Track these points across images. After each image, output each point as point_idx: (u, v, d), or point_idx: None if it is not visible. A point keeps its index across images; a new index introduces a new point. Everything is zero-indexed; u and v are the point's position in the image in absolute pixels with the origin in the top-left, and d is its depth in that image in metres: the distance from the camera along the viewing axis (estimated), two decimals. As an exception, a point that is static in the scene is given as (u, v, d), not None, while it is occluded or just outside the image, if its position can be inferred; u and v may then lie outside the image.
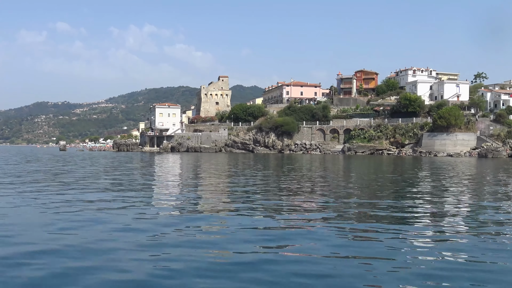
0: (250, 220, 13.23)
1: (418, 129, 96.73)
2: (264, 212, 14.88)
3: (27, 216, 13.76)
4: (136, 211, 14.96)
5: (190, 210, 15.41)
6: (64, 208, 15.27)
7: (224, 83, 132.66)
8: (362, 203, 17.20)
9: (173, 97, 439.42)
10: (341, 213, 14.63)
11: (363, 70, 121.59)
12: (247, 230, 11.71)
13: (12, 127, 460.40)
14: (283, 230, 11.87)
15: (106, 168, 40.64)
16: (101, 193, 20.08)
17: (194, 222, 13.01)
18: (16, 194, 19.16)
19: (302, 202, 17.42)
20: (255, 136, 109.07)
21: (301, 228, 12.20)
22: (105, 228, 11.91)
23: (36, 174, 32.27)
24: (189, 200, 18.29)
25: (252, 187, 23.56)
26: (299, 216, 14.16)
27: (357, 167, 47.54)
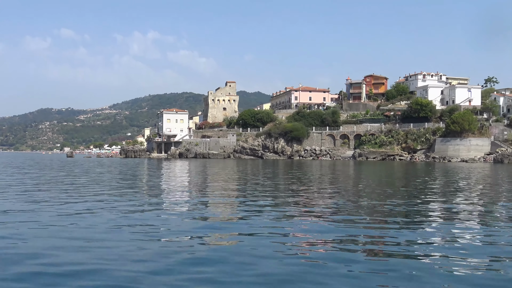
0: (267, 240, 11.94)
1: (430, 134, 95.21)
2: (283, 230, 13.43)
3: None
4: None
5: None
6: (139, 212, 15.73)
7: (231, 89, 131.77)
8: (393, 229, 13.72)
9: (177, 103, 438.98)
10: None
11: (372, 75, 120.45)
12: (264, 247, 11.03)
13: (17, 134, 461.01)
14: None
15: (138, 178, 39.47)
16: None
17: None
18: (86, 202, 19.65)
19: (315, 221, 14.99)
20: (264, 142, 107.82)
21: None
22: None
23: (86, 182, 31.86)
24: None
25: (267, 200, 22.30)
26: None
27: (374, 175, 46.16)
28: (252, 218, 15.21)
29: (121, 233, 12.57)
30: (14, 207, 17.88)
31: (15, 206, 18.20)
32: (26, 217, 15.18)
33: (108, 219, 14.91)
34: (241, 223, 14.42)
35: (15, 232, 12.69)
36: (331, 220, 14.88)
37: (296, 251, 10.63)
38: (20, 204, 18.91)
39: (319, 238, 11.95)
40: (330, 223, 14.30)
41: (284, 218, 15.20)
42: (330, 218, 15.29)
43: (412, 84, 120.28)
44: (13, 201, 19.81)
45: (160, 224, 14.18)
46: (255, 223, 14.33)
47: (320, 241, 11.70)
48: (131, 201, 20.15)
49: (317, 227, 13.51)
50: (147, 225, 13.92)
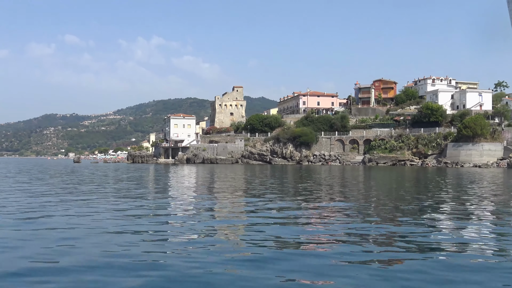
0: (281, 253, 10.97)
1: (442, 139, 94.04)
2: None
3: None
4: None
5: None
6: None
7: (238, 94, 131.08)
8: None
9: (181, 109, 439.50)
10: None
11: (381, 80, 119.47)
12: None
13: (21, 139, 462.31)
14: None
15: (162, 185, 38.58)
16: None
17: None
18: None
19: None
20: (273, 147, 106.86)
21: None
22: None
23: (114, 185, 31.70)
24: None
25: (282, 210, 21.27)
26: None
27: (389, 182, 45.02)
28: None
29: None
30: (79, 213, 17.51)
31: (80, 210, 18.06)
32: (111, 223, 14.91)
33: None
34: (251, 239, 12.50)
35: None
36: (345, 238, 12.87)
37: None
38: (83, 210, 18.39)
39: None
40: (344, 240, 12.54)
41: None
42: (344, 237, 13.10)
43: (421, 89, 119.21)
44: (72, 207, 19.17)
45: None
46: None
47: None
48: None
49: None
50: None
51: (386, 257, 10.40)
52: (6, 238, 12.20)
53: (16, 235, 12.61)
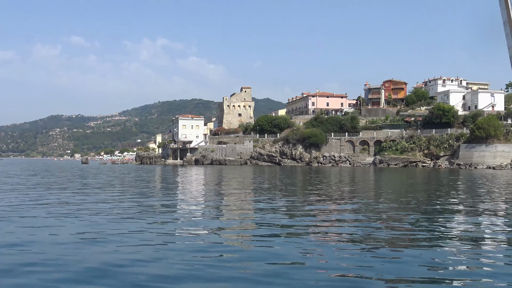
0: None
1: (454, 140, 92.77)
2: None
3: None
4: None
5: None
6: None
7: (247, 94, 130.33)
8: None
9: (186, 110, 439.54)
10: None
11: (391, 80, 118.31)
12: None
13: (27, 140, 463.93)
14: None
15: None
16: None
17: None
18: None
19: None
20: (282, 148, 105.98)
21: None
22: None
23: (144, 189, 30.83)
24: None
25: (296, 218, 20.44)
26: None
27: (407, 185, 44.04)
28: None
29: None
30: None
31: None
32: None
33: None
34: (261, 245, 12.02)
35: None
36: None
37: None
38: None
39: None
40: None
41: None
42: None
43: (432, 89, 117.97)
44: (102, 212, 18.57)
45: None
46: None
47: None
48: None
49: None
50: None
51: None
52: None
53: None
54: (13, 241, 12.02)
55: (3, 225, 14.64)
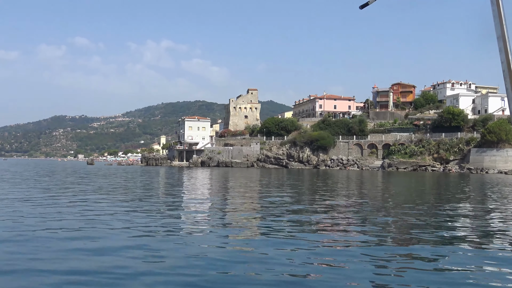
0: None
1: (464, 145, 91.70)
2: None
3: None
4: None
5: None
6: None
7: (253, 96, 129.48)
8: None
9: (190, 111, 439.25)
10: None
11: (400, 83, 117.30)
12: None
13: (31, 141, 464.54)
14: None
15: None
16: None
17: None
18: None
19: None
20: (289, 151, 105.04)
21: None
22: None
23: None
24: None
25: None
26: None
27: (423, 193, 43.08)
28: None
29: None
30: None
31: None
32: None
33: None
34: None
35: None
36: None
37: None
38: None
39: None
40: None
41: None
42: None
43: (441, 93, 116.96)
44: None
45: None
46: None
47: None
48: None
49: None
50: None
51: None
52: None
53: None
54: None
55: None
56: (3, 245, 11.55)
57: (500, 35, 2.25)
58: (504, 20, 2.27)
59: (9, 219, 15.79)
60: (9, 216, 16.69)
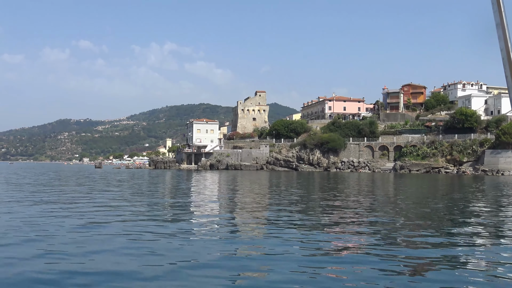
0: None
1: (478, 146, 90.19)
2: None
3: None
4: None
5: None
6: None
7: (261, 98, 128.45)
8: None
9: (194, 114, 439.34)
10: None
11: (410, 84, 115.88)
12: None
13: (36, 144, 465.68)
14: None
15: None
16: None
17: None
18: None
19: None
20: (299, 153, 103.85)
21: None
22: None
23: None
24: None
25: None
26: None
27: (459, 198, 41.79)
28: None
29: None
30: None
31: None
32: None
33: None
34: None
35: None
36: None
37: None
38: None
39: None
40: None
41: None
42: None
43: (451, 94, 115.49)
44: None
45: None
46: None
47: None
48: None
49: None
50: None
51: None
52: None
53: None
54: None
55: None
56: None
57: (499, 23, 2.26)
58: (503, 7, 2.27)
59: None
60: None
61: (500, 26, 2.26)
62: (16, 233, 13.92)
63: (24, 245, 12.16)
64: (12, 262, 10.29)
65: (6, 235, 13.48)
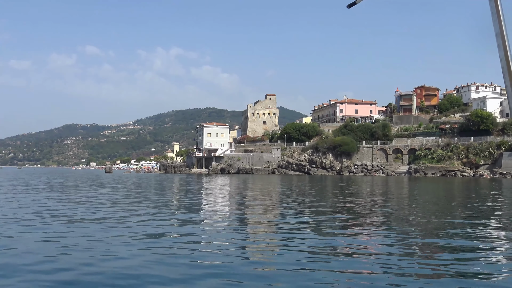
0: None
1: (494, 148, 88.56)
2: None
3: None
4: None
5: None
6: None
7: (271, 102, 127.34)
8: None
9: (200, 119, 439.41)
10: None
11: (423, 86, 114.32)
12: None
13: (43, 149, 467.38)
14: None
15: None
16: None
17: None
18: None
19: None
20: (311, 157, 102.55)
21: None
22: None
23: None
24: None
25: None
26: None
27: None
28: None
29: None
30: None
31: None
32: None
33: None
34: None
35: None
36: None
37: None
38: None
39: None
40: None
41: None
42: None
43: (465, 96, 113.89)
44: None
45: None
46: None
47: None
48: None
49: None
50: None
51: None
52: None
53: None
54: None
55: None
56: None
57: (498, 32, 2.27)
58: (502, 17, 2.26)
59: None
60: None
61: (499, 35, 2.25)
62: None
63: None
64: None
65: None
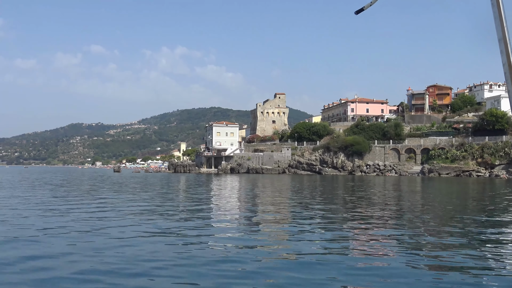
0: None
1: (510, 148, 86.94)
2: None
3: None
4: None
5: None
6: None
7: (281, 101, 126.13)
8: None
9: (205, 118, 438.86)
10: None
11: (436, 85, 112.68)
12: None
13: (48, 148, 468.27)
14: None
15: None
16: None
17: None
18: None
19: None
20: (322, 157, 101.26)
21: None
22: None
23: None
24: None
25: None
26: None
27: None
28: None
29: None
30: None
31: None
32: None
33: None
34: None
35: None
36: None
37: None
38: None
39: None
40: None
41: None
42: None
43: (478, 95, 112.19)
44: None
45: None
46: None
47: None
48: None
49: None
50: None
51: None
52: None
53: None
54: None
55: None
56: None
57: (501, 37, 2.27)
58: (505, 22, 2.25)
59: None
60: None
61: (502, 40, 2.25)
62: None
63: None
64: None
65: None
